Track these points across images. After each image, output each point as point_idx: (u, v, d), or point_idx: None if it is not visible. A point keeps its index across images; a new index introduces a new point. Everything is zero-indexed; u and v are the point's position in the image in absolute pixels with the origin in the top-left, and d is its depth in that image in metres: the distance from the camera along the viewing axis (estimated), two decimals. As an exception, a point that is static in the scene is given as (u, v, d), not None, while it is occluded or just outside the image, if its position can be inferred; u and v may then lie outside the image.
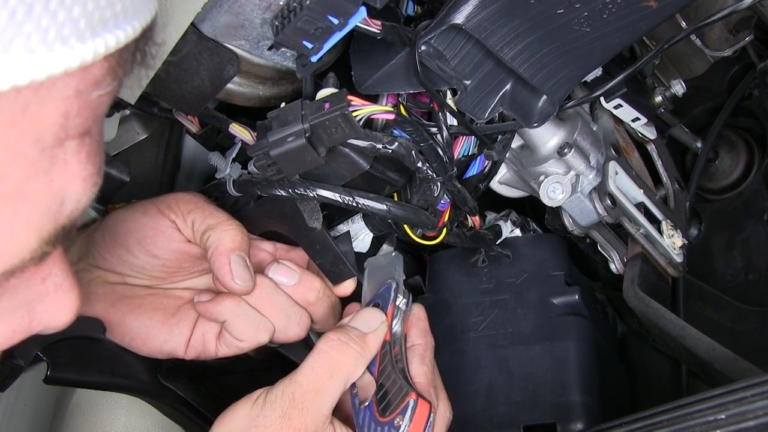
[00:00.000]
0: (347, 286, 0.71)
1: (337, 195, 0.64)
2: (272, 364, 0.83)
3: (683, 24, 0.79)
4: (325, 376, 0.59)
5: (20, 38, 0.30)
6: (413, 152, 0.62)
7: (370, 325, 0.62)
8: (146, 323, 0.69)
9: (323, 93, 0.62)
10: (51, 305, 0.42)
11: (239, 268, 0.66)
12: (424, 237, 0.72)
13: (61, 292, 0.43)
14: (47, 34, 0.30)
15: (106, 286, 0.70)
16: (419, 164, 0.63)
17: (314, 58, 0.61)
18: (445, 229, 0.71)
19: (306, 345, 0.78)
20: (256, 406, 0.58)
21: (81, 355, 0.66)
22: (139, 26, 0.36)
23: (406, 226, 0.71)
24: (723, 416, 0.49)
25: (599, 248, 0.83)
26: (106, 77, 0.35)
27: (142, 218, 0.69)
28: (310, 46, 0.59)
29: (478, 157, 0.74)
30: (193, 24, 0.61)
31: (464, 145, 0.73)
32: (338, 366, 0.59)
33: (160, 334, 0.70)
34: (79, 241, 0.71)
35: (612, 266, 0.82)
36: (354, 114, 0.59)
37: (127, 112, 0.75)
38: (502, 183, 0.82)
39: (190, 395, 0.72)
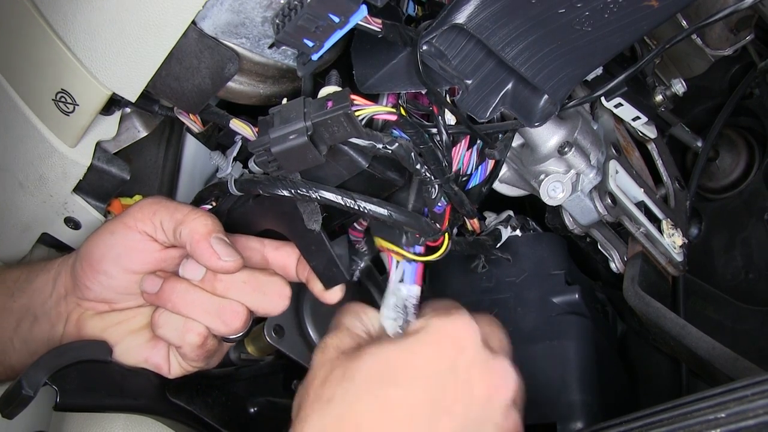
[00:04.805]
0: (335, 293, 0.69)
1: (339, 197, 0.63)
2: (276, 368, 0.83)
3: (684, 23, 0.79)
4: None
5: None
6: (413, 154, 0.62)
7: None
8: (131, 345, 0.69)
9: (326, 91, 0.61)
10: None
11: (222, 246, 0.64)
12: (428, 250, 0.71)
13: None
14: None
15: (95, 319, 0.69)
16: (418, 166, 0.62)
17: (315, 57, 0.61)
18: (447, 236, 0.69)
19: (305, 342, 0.78)
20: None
21: (89, 380, 0.66)
22: None
23: (402, 250, 0.68)
24: (723, 415, 0.49)
25: (599, 247, 0.83)
26: None
27: (110, 238, 0.67)
28: (310, 44, 0.59)
29: (480, 167, 0.74)
30: (193, 22, 0.61)
31: (461, 156, 0.72)
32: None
33: (143, 353, 0.69)
34: (64, 274, 0.70)
35: (612, 265, 0.82)
36: (356, 113, 0.59)
37: (128, 110, 0.74)
38: (503, 182, 0.82)
39: (198, 408, 0.71)
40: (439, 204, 0.66)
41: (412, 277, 0.66)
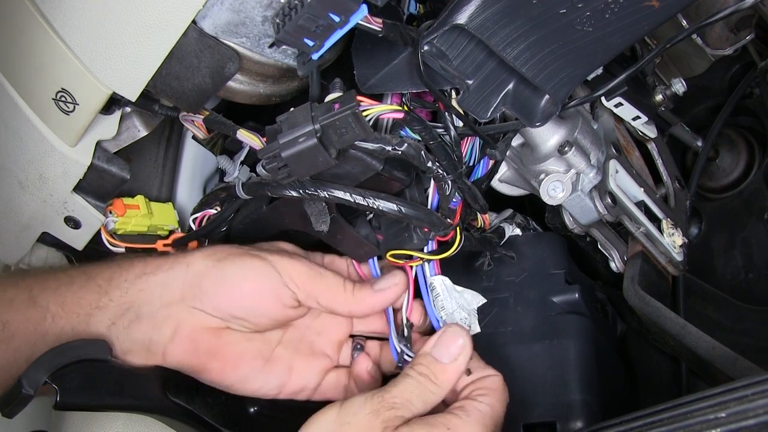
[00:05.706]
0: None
1: (348, 194, 0.64)
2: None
3: (684, 23, 0.79)
4: (414, 395, 0.63)
5: None
6: (422, 152, 0.62)
7: (451, 354, 0.66)
8: (246, 372, 0.72)
9: (331, 97, 0.62)
10: None
11: (384, 292, 0.71)
12: (441, 246, 0.71)
13: None
14: None
15: (207, 334, 0.70)
16: (429, 164, 0.63)
17: (315, 56, 0.61)
18: (459, 231, 0.70)
19: None
20: (346, 405, 0.61)
21: (89, 379, 0.65)
22: None
23: (419, 253, 0.70)
24: (723, 414, 0.49)
25: (599, 247, 0.83)
26: None
27: (266, 285, 0.69)
28: (311, 43, 0.59)
29: (483, 160, 0.74)
30: (194, 21, 0.61)
31: (468, 152, 0.73)
32: (425, 393, 0.64)
33: (257, 380, 0.72)
34: (183, 277, 0.69)
35: (612, 265, 0.82)
36: (364, 113, 0.59)
37: (128, 109, 0.74)
38: (503, 181, 0.82)
39: (198, 408, 0.71)
40: (454, 200, 0.67)
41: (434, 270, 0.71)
